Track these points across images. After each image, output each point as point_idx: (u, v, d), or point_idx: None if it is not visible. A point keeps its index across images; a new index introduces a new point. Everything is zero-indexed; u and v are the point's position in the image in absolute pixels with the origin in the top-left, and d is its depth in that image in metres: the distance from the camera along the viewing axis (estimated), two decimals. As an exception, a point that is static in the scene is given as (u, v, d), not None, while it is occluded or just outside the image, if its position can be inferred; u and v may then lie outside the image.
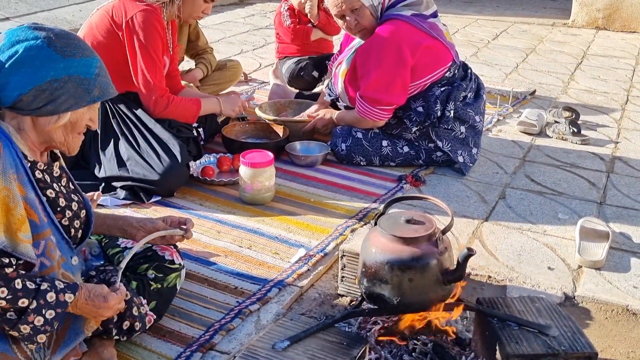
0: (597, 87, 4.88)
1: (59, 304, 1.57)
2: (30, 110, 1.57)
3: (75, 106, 1.61)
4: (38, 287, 1.54)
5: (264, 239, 2.58)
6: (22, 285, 1.51)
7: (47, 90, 1.55)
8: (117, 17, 2.92)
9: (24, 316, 1.52)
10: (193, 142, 3.12)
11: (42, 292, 1.54)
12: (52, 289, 1.56)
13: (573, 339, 1.72)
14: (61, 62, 1.57)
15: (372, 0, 3.09)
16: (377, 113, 3.12)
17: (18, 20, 6.08)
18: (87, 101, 1.62)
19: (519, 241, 2.64)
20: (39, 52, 1.55)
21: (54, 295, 1.56)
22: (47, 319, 1.55)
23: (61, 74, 1.57)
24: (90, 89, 1.61)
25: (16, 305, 1.50)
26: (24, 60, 1.54)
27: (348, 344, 1.69)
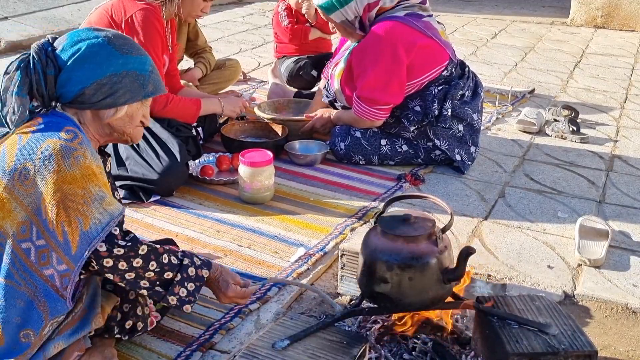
0: (596, 86, 4.88)
1: (198, 278, 1.77)
2: (91, 103, 1.68)
3: (131, 100, 1.73)
4: (181, 262, 1.74)
5: (264, 238, 2.58)
6: (168, 260, 1.70)
7: (107, 84, 1.67)
8: (117, 16, 2.92)
9: (171, 287, 1.71)
10: (192, 141, 3.12)
11: (184, 266, 1.74)
12: (192, 264, 1.76)
13: (573, 337, 1.72)
14: (120, 58, 1.69)
15: (344, 16, 3.10)
16: (375, 113, 3.12)
17: (16, 19, 6.07)
18: (142, 95, 1.75)
19: (519, 240, 2.64)
20: (101, 49, 1.68)
21: (193, 270, 1.76)
22: (189, 290, 1.74)
23: (120, 69, 1.69)
24: (145, 84, 1.74)
25: (162, 277, 1.69)
26: (86, 56, 1.67)
27: (348, 343, 1.69)
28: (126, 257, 1.62)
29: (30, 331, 1.59)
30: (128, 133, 1.79)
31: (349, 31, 3.18)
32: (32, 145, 1.59)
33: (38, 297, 1.59)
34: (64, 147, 1.58)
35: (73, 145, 1.59)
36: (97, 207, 1.59)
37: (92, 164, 1.61)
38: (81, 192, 1.57)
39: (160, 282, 1.70)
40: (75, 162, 1.57)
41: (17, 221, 1.58)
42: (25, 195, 1.57)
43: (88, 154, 1.61)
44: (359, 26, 3.14)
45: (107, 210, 1.60)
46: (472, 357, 1.87)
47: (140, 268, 1.65)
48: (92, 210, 1.58)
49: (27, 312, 1.59)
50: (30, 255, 1.58)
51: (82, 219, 1.57)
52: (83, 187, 1.57)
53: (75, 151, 1.59)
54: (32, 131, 1.61)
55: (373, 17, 3.12)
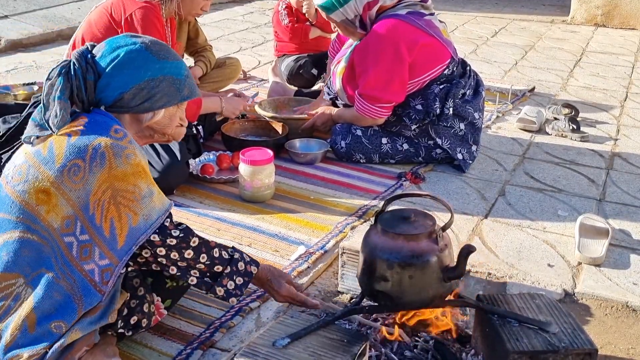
0: (596, 84, 4.88)
1: (247, 273, 1.85)
2: (130, 107, 1.74)
3: (168, 104, 1.78)
4: (231, 257, 1.83)
5: (264, 237, 2.58)
6: (219, 254, 1.80)
7: (145, 88, 1.73)
8: (116, 14, 2.92)
9: (220, 279, 1.80)
10: (192, 139, 3.12)
11: (234, 260, 1.83)
12: (241, 259, 1.85)
13: (573, 335, 1.72)
14: (157, 63, 1.75)
15: (344, 15, 3.10)
16: (376, 111, 3.12)
17: (17, 18, 6.07)
18: (178, 99, 1.80)
19: (519, 238, 2.64)
20: (139, 55, 1.74)
21: (243, 265, 1.85)
22: (237, 284, 1.83)
23: (157, 74, 1.75)
24: (181, 88, 1.80)
25: (212, 269, 1.79)
26: (125, 62, 1.72)
27: (348, 341, 1.69)
28: (178, 248, 1.71)
29: (62, 323, 1.61)
30: (169, 133, 1.86)
31: (350, 30, 3.18)
32: (83, 143, 1.63)
33: (75, 291, 1.62)
34: (115, 145, 1.64)
35: (123, 143, 1.65)
36: (147, 203, 1.66)
37: (142, 161, 1.68)
38: (132, 189, 1.63)
39: (210, 274, 1.80)
40: (127, 159, 1.64)
41: (62, 215, 1.62)
42: (73, 191, 1.61)
43: (137, 151, 1.67)
44: (359, 25, 3.14)
45: (156, 207, 1.68)
46: (472, 355, 1.87)
47: (192, 259, 1.74)
48: (141, 206, 1.65)
49: (62, 304, 1.62)
50: (72, 249, 1.62)
51: (132, 215, 1.63)
52: (134, 184, 1.64)
53: (126, 149, 1.65)
54: (81, 130, 1.66)
55: (374, 15, 3.12)
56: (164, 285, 1.94)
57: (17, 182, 1.65)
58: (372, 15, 3.12)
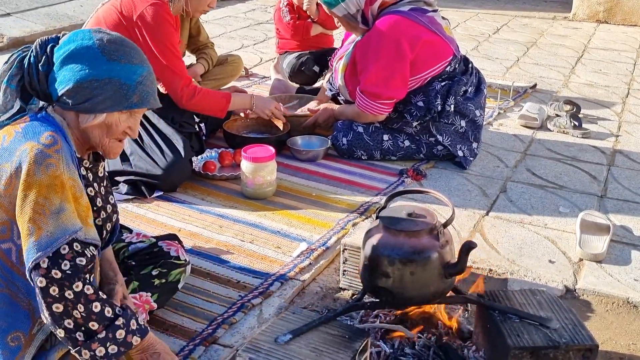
0: (598, 81, 4.88)
1: (125, 344, 1.59)
2: (71, 105, 1.62)
3: (111, 109, 1.64)
4: (113, 320, 1.57)
5: (266, 233, 2.59)
6: (100, 309, 1.55)
7: (88, 88, 1.60)
8: (127, 12, 2.92)
9: (89, 341, 1.54)
10: (195, 137, 3.13)
11: (114, 327, 1.57)
12: (124, 327, 1.59)
13: (574, 331, 1.73)
14: (105, 64, 1.62)
15: (346, 10, 3.11)
16: (378, 107, 3.13)
17: (19, 15, 6.08)
18: (124, 106, 1.65)
19: (520, 234, 2.65)
20: (87, 51, 1.62)
21: (123, 333, 1.58)
22: (109, 352, 1.57)
23: (103, 75, 1.61)
24: (129, 95, 1.64)
25: (87, 324, 1.53)
26: (72, 56, 1.62)
27: (350, 337, 1.70)
28: (60, 284, 1.50)
29: (19, 333, 1.58)
30: (103, 145, 1.70)
31: (352, 25, 3.19)
32: (13, 146, 1.56)
33: (21, 298, 1.58)
34: (39, 152, 1.53)
35: (49, 151, 1.53)
36: (54, 219, 1.51)
37: (63, 175, 1.54)
38: (42, 201, 1.51)
39: (84, 329, 1.54)
40: (45, 169, 1.52)
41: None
42: (3, 197, 1.55)
43: (61, 163, 1.54)
44: (361, 20, 3.14)
45: (62, 225, 1.52)
46: (473, 351, 1.88)
47: (70, 302, 1.51)
48: (47, 221, 1.51)
49: (11, 314, 1.58)
50: (11, 255, 1.57)
51: (35, 229, 1.50)
52: (45, 197, 1.51)
53: (49, 158, 1.53)
54: (16, 131, 1.59)
55: (376, 10, 3.12)
56: (152, 284, 1.96)
57: None
58: (374, 11, 3.12)
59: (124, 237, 2.12)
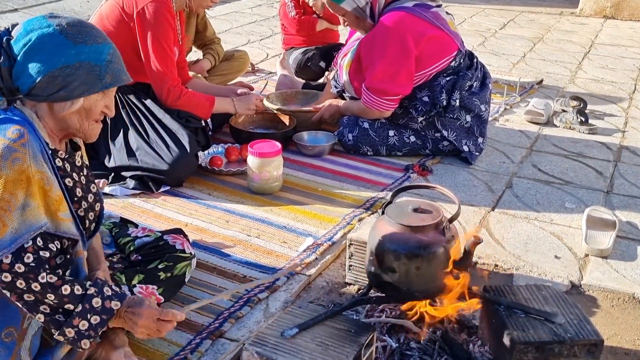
0: (605, 77, 4.87)
1: (105, 311, 1.61)
2: (45, 96, 1.59)
3: (87, 92, 1.62)
4: (84, 293, 1.59)
5: (272, 228, 2.60)
6: (70, 291, 1.57)
7: (60, 76, 1.57)
8: (128, 8, 2.94)
9: (69, 319, 1.56)
10: (201, 132, 3.14)
11: (88, 296, 1.59)
12: (98, 294, 1.61)
13: (579, 326, 1.73)
14: (72, 48, 1.58)
15: (355, 3, 3.10)
16: (383, 103, 3.13)
17: (26, 11, 6.10)
18: (100, 87, 1.63)
19: (526, 230, 2.65)
20: (51, 39, 1.58)
21: (99, 301, 1.60)
22: (92, 324, 1.59)
23: (72, 60, 1.58)
24: (102, 75, 1.62)
25: (62, 307, 1.56)
26: (36, 47, 1.57)
27: (356, 332, 1.71)
28: (25, 277, 1.51)
29: (12, 329, 1.59)
30: (83, 129, 1.68)
31: (360, 19, 3.18)
32: None
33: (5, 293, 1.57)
34: (6, 147, 1.50)
35: (15, 145, 1.51)
36: (18, 215, 1.50)
37: (30, 169, 1.52)
38: (7, 197, 1.49)
39: (62, 310, 1.58)
40: (12, 164, 1.50)
41: None
42: None
43: (28, 157, 1.53)
44: (369, 13, 3.14)
45: (27, 221, 1.52)
46: (478, 345, 1.89)
47: (39, 293, 1.53)
48: (12, 218, 1.50)
49: (1, 311, 1.59)
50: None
51: (0, 226, 1.49)
52: (10, 192, 1.50)
53: (16, 152, 1.51)
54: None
55: (382, 4, 3.12)
56: (157, 278, 1.97)
57: None
58: (381, 4, 3.12)
59: (130, 231, 2.13)
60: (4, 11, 6.01)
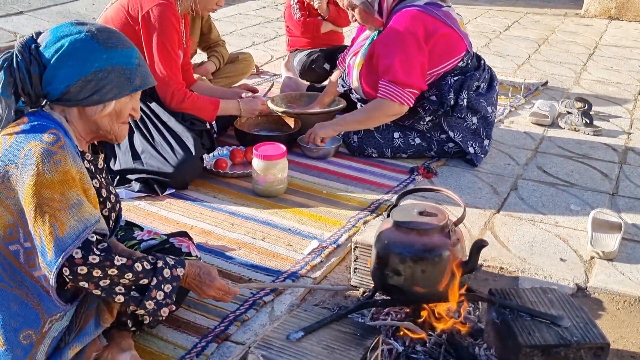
0: (610, 78, 4.86)
1: (173, 278, 1.73)
2: (78, 100, 1.64)
3: (119, 95, 1.68)
4: (155, 265, 1.69)
5: (277, 231, 2.60)
6: (142, 267, 1.65)
7: (93, 80, 1.63)
8: (133, 11, 2.94)
9: (147, 292, 1.67)
10: (206, 135, 3.14)
11: (159, 269, 1.70)
12: (166, 265, 1.72)
13: (585, 329, 1.73)
14: (104, 53, 1.64)
15: None
16: (404, 95, 3.06)
17: (32, 14, 6.12)
18: (130, 90, 1.69)
19: (531, 232, 2.64)
20: (83, 45, 1.63)
21: (168, 271, 1.72)
22: (166, 292, 1.71)
23: (105, 64, 1.64)
24: (132, 78, 1.69)
25: (138, 283, 1.65)
26: (69, 53, 1.62)
27: (361, 335, 1.71)
28: (101, 266, 1.58)
29: (31, 331, 1.61)
30: (114, 131, 1.74)
31: (369, 14, 3.16)
32: (16, 147, 1.57)
33: (31, 298, 1.60)
34: (45, 150, 1.55)
35: (54, 148, 1.56)
36: (74, 213, 1.55)
37: (72, 169, 1.57)
38: (58, 198, 1.54)
39: (136, 287, 1.66)
40: (55, 166, 1.54)
41: (4, 224, 1.58)
42: (9, 198, 1.57)
43: (69, 158, 1.57)
44: (377, 9, 3.13)
45: (84, 217, 1.56)
46: (484, 349, 1.88)
47: (116, 276, 1.60)
48: (68, 216, 1.54)
49: (22, 314, 1.60)
50: (20, 257, 1.59)
51: (58, 225, 1.53)
52: (61, 193, 1.54)
53: (56, 155, 1.55)
54: (17, 132, 1.59)
55: (391, 1, 3.12)
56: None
57: None
58: (389, 1, 3.12)
59: (135, 234, 2.13)
60: (10, 14, 6.03)
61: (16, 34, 5.55)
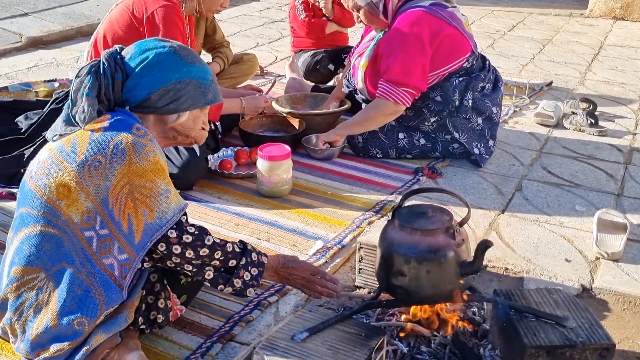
0: (615, 78, 4.85)
1: (259, 264, 1.87)
2: (156, 108, 1.79)
3: (193, 106, 1.84)
4: (244, 248, 1.86)
5: (282, 232, 2.61)
6: (232, 249, 1.81)
7: (172, 90, 1.79)
8: (138, 12, 2.95)
9: (236, 270, 1.81)
10: (211, 135, 3.14)
11: (248, 251, 1.86)
12: (253, 250, 1.88)
13: (590, 330, 1.73)
14: (185, 66, 1.81)
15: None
16: (401, 94, 3.06)
17: (37, 15, 6.13)
18: (203, 103, 1.86)
19: (536, 233, 2.64)
20: (167, 57, 1.80)
21: (255, 255, 1.87)
22: (253, 274, 1.85)
23: (184, 76, 1.80)
24: (206, 92, 1.85)
25: (227, 264, 1.80)
26: (154, 63, 1.78)
27: (366, 335, 1.71)
28: (193, 246, 1.72)
29: (85, 319, 1.65)
30: (193, 136, 1.91)
31: (374, 15, 3.16)
32: (105, 139, 1.67)
33: (95, 286, 1.66)
34: (136, 142, 1.67)
35: (144, 141, 1.69)
36: (163, 200, 1.68)
37: (161, 160, 1.71)
38: (149, 185, 1.67)
39: (224, 269, 1.81)
40: (146, 156, 1.67)
41: (82, 210, 1.66)
42: (93, 186, 1.65)
43: (157, 150, 1.71)
44: (382, 10, 3.13)
45: (172, 205, 1.70)
46: (489, 349, 1.88)
47: (207, 257, 1.75)
48: (157, 203, 1.67)
49: (83, 300, 1.65)
50: (92, 244, 1.66)
51: (148, 212, 1.66)
52: (151, 181, 1.67)
53: (146, 147, 1.68)
54: (104, 127, 1.70)
55: (396, 1, 3.12)
56: (179, 282, 1.97)
57: (40, 176, 1.70)
58: (394, 1, 3.12)
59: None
60: (15, 15, 6.05)
61: (21, 35, 5.57)
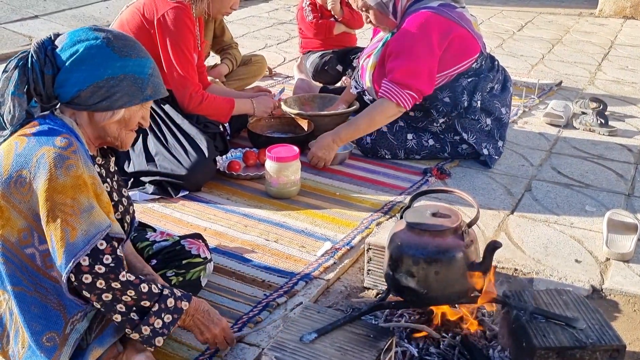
0: (625, 78, 4.82)
1: (176, 310, 1.71)
2: (87, 105, 1.65)
3: (129, 103, 1.68)
4: (161, 292, 1.69)
5: (291, 233, 2.61)
6: (148, 289, 1.66)
7: (104, 87, 1.64)
8: (148, 14, 2.96)
9: (146, 317, 1.65)
10: (219, 137, 3.15)
11: (164, 296, 1.69)
12: (171, 295, 1.71)
13: (601, 331, 1.72)
14: (118, 61, 1.65)
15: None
16: (403, 95, 3.03)
17: (47, 18, 6.17)
18: (140, 99, 1.70)
19: (546, 234, 2.63)
20: (99, 51, 1.64)
21: (172, 301, 1.70)
22: (165, 322, 1.69)
23: (118, 72, 1.65)
24: (144, 87, 1.70)
25: (139, 304, 1.64)
26: (84, 58, 1.63)
27: (375, 337, 1.71)
28: (106, 277, 1.58)
29: (53, 333, 1.62)
30: (121, 138, 1.75)
31: (383, 15, 3.15)
32: (28, 152, 1.57)
33: (51, 299, 1.62)
34: (57, 155, 1.55)
35: (66, 153, 1.56)
36: (85, 218, 1.56)
37: (84, 174, 1.57)
38: (70, 202, 1.54)
39: (137, 309, 1.65)
40: (67, 171, 1.54)
41: (18, 228, 1.59)
42: (23, 203, 1.57)
43: (81, 163, 1.57)
44: (392, 10, 3.13)
45: (95, 222, 1.57)
46: (498, 351, 1.87)
47: (118, 290, 1.60)
48: (79, 221, 1.55)
49: (43, 316, 1.62)
50: (36, 260, 1.61)
51: (69, 230, 1.54)
52: (72, 198, 1.55)
53: (68, 160, 1.55)
54: (28, 137, 1.59)
55: (405, 2, 3.11)
56: (170, 283, 1.97)
57: None
58: (404, 2, 3.11)
59: (148, 235, 2.15)
60: (25, 18, 6.08)
61: (31, 37, 5.60)
